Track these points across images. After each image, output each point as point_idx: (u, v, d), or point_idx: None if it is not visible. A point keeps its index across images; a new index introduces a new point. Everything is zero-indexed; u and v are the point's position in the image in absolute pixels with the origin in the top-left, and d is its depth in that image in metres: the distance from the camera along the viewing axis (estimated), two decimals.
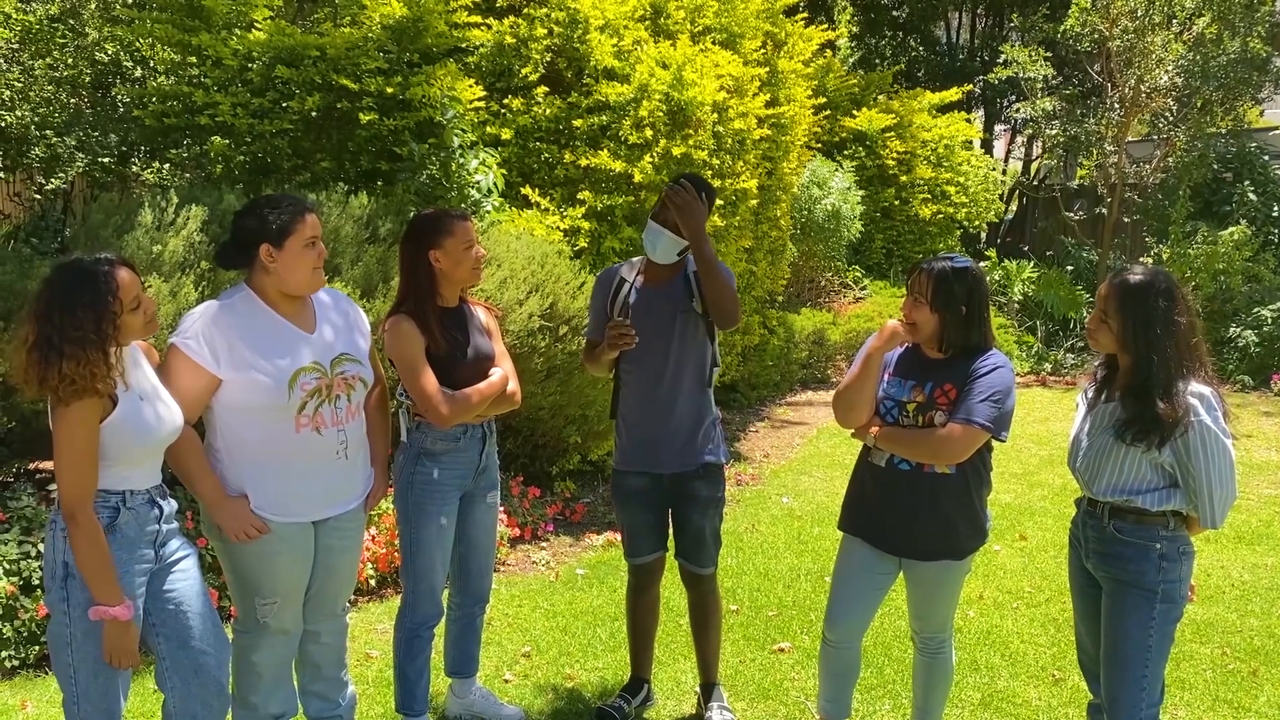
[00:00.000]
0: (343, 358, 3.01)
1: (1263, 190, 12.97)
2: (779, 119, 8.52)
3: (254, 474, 2.91)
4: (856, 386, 3.10)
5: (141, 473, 2.68)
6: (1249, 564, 5.58)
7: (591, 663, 4.27)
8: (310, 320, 2.99)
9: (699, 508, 3.56)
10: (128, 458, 2.62)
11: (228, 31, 6.15)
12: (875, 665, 4.24)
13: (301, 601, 3.08)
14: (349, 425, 3.03)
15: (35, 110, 7.25)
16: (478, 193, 5.93)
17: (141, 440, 2.63)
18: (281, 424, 2.89)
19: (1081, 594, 3.09)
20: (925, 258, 3.09)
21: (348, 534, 3.13)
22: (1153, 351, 2.75)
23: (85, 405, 2.50)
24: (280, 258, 2.86)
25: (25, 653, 4.06)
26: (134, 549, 2.65)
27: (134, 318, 2.58)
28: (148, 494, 2.70)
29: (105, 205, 5.22)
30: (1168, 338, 2.75)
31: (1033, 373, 11.58)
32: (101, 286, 2.51)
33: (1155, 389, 2.73)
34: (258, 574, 2.96)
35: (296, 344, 2.92)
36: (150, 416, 2.64)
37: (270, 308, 2.92)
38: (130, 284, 2.57)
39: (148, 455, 2.68)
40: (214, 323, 2.83)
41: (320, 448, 2.96)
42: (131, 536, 2.64)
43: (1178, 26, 12.20)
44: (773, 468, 7.56)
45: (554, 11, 6.57)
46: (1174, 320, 2.76)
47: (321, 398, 2.94)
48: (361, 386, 3.07)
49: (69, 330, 2.46)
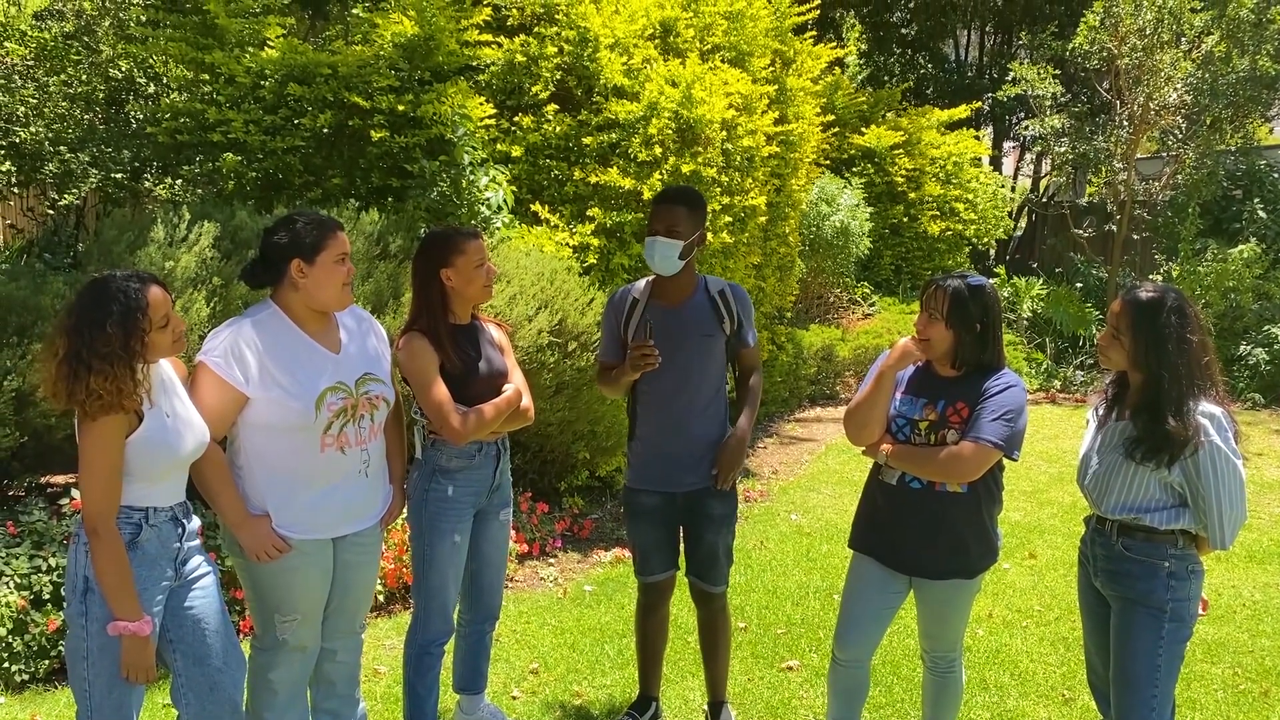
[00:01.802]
0: (367, 377, 3.02)
1: (1272, 208, 12.95)
2: (788, 136, 8.54)
3: (276, 492, 2.91)
4: (869, 404, 3.10)
5: (165, 490, 2.69)
6: (1260, 583, 5.55)
7: (599, 680, 4.26)
8: (336, 339, 3.01)
9: (713, 526, 3.55)
10: (151, 474, 2.63)
11: (241, 49, 6.21)
12: (884, 684, 4.23)
13: (320, 619, 3.09)
14: (371, 444, 3.05)
15: (49, 126, 7.32)
16: (488, 209, 5.96)
17: (165, 458, 2.64)
18: (307, 443, 2.90)
19: (1091, 613, 3.08)
20: (940, 274, 3.09)
21: (366, 550, 3.14)
22: (1164, 369, 2.74)
23: (111, 421, 2.51)
24: (311, 273, 2.87)
25: (35, 667, 4.07)
26: (155, 566, 2.66)
27: (162, 335, 2.60)
28: (171, 511, 2.72)
29: (118, 221, 5.25)
30: (1179, 355, 2.75)
31: (1042, 390, 11.55)
32: (132, 303, 2.53)
33: (1166, 407, 2.73)
34: (279, 591, 2.96)
35: (323, 364, 2.94)
36: (175, 434, 2.65)
37: (298, 326, 2.93)
38: (160, 302, 2.59)
39: (171, 472, 2.70)
40: (244, 340, 2.84)
41: (343, 466, 2.98)
42: (153, 554, 2.66)
43: (1186, 44, 12.20)
44: (781, 484, 7.55)
45: (564, 30, 6.62)
46: (1186, 338, 2.76)
47: (347, 418, 2.95)
48: (385, 406, 3.08)
49: (98, 346, 2.47)
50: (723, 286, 3.56)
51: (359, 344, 3.07)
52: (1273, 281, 11.70)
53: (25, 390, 4.30)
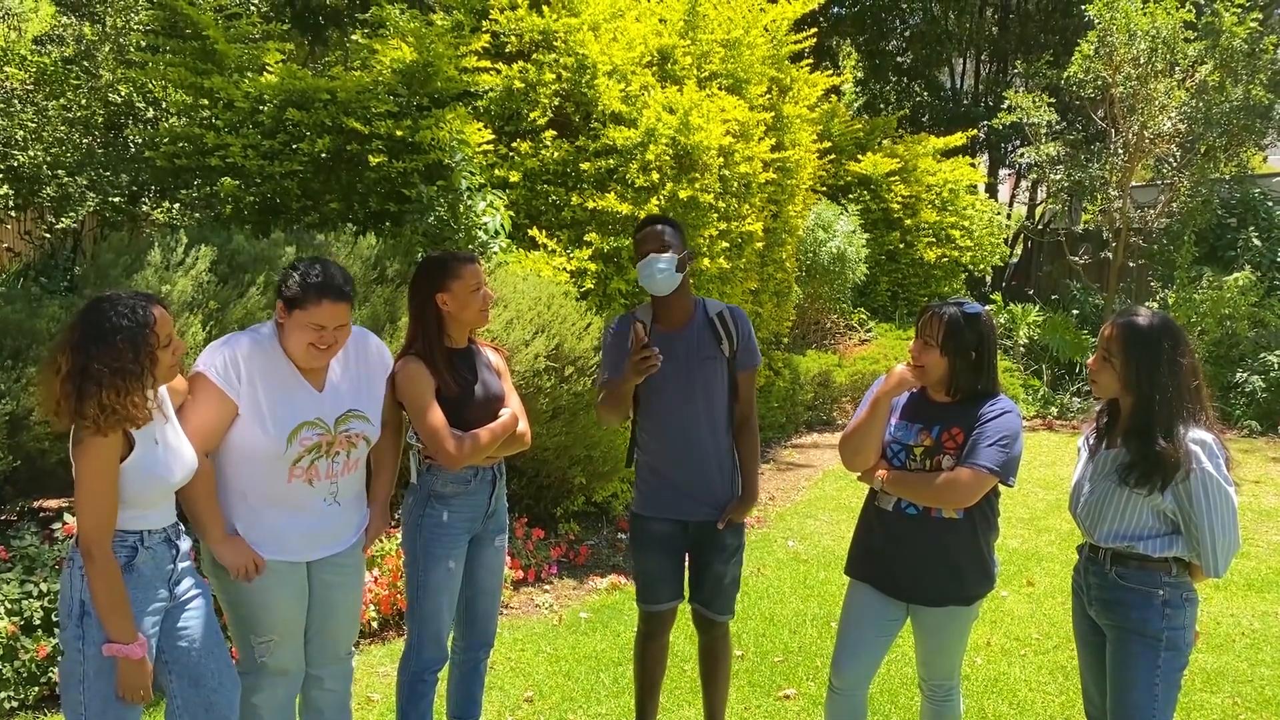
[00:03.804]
0: (350, 414, 3.01)
1: (1267, 236, 13.01)
2: (784, 163, 8.59)
3: (243, 511, 2.93)
4: (864, 430, 3.09)
5: (157, 513, 2.69)
6: (1259, 612, 5.53)
7: (595, 709, 4.23)
8: (321, 377, 3.00)
9: (723, 556, 3.53)
10: (143, 500, 2.62)
11: (240, 74, 6.23)
12: (882, 713, 4.19)
13: (300, 640, 3.06)
14: (342, 478, 3.04)
15: (48, 150, 7.34)
16: (485, 234, 5.97)
17: (156, 485, 2.63)
18: (274, 471, 2.90)
19: (1086, 644, 3.06)
20: (936, 302, 3.10)
21: (345, 570, 3.12)
22: (1155, 390, 2.75)
23: (108, 443, 2.51)
24: (289, 321, 2.87)
25: (25, 694, 4.03)
26: (150, 588, 2.65)
27: (165, 355, 2.59)
28: (164, 533, 2.71)
29: (115, 244, 5.25)
30: (1171, 378, 2.75)
31: (1039, 416, 11.55)
32: (139, 319, 2.52)
33: (1157, 428, 2.73)
34: (253, 612, 2.96)
35: (306, 400, 2.93)
36: (164, 465, 2.65)
37: (290, 357, 2.93)
38: (164, 320, 2.60)
39: (162, 498, 2.69)
40: (241, 355, 2.86)
41: (309, 496, 2.98)
42: (149, 576, 2.65)
43: (1180, 74, 12.30)
44: (778, 510, 7.52)
45: (562, 57, 6.65)
46: (1177, 361, 2.77)
47: (320, 453, 2.95)
48: (364, 444, 3.07)
49: (109, 360, 2.46)
50: (721, 309, 3.56)
51: (352, 377, 3.06)
52: (1268, 309, 11.74)
53: (19, 414, 4.28)
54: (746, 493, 3.57)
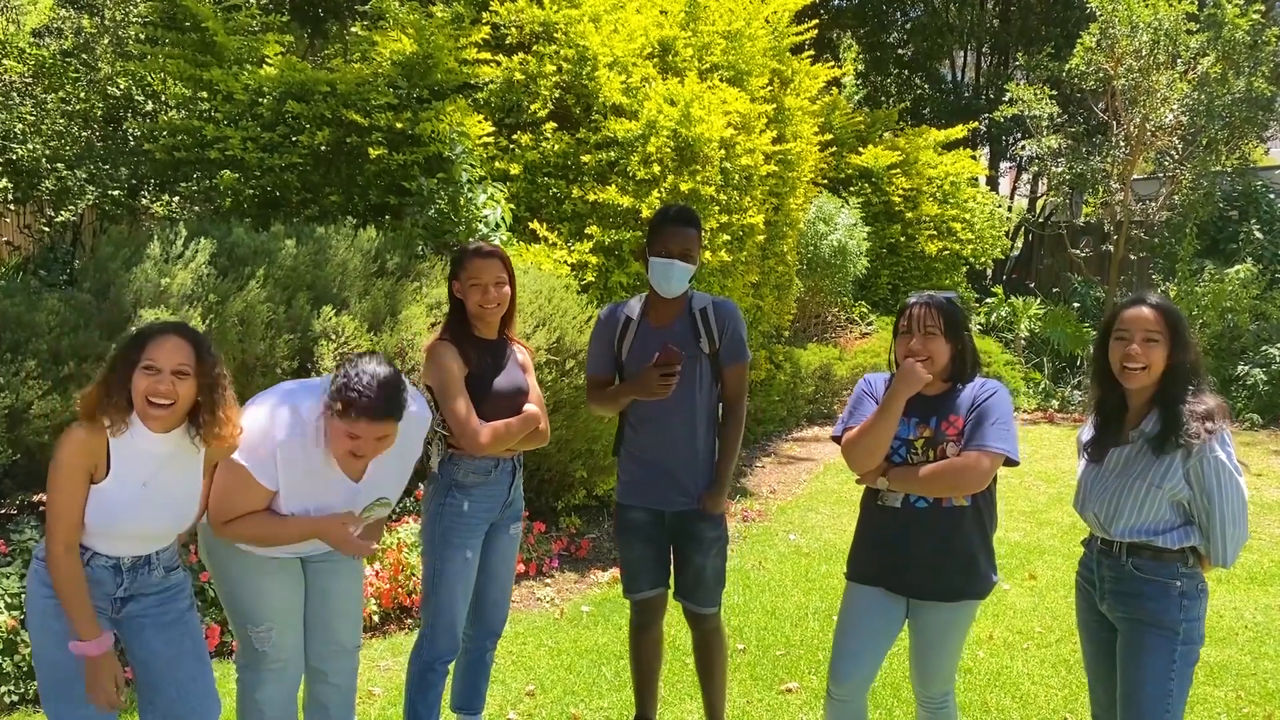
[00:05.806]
0: (377, 503, 3.04)
1: (1269, 228, 13.00)
2: (786, 155, 8.56)
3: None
4: (877, 431, 3.05)
5: (118, 546, 2.71)
6: (1262, 605, 5.52)
7: (596, 702, 4.22)
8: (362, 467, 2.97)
9: (701, 548, 3.52)
10: (103, 532, 2.65)
11: (239, 67, 6.21)
12: (885, 707, 4.18)
13: (299, 629, 3.06)
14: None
15: (47, 143, 7.32)
16: (486, 227, 5.95)
17: (117, 526, 2.65)
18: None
19: (1093, 640, 3.03)
20: (911, 299, 3.09)
21: (338, 557, 3.10)
22: (1188, 359, 2.83)
23: (87, 437, 2.56)
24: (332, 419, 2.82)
25: (25, 688, 4.02)
26: (94, 595, 2.67)
27: (138, 378, 2.58)
28: (115, 561, 2.71)
29: (114, 238, 5.24)
30: (1194, 350, 2.87)
31: (1040, 409, 11.54)
32: (142, 334, 2.64)
33: (1184, 394, 2.79)
34: (249, 599, 2.98)
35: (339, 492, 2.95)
36: (135, 510, 2.65)
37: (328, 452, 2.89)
38: (157, 349, 2.58)
39: (123, 541, 2.71)
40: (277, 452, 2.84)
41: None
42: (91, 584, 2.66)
43: (1182, 66, 12.27)
44: (779, 504, 7.51)
45: (563, 49, 6.62)
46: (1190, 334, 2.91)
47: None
48: (382, 509, 3.10)
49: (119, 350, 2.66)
50: (705, 304, 3.54)
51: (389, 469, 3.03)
52: (1270, 302, 11.72)
53: (19, 407, 4.27)
54: (715, 481, 3.54)
